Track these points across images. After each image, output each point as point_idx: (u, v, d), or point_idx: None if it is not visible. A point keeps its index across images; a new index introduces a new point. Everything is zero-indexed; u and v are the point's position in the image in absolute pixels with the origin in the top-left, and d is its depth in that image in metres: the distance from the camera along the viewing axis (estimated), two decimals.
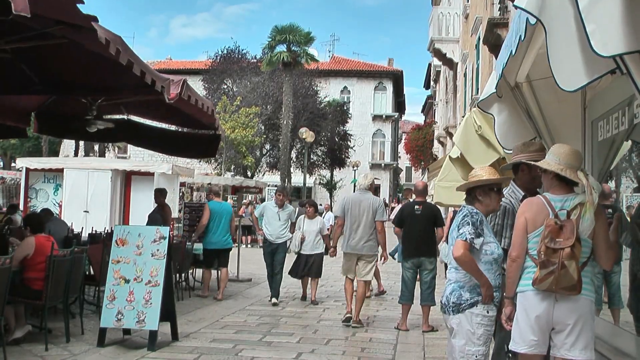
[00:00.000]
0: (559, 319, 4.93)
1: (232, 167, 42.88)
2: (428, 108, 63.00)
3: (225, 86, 47.04)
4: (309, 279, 14.25)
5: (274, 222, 13.94)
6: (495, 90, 5.79)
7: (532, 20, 3.29)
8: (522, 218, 5.16)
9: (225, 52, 48.29)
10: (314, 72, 48.28)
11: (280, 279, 13.87)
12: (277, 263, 13.89)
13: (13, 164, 44.65)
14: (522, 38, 3.68)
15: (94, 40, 6.78)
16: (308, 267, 14.11)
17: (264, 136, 44.53)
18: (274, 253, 13.90)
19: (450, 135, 29.43)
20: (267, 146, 47.73)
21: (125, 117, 13.76)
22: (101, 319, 9.20)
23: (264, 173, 48.70)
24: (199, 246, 14.32)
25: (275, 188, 39.03)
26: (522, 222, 5.15)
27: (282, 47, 42.31)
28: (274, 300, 13.60)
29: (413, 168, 67.40)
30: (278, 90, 44.62)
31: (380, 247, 11.27)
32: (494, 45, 16.93)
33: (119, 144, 42.36)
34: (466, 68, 27.93)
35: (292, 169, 45.62)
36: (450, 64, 32.92)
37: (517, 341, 5.10)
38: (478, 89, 22.91)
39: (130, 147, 47.21)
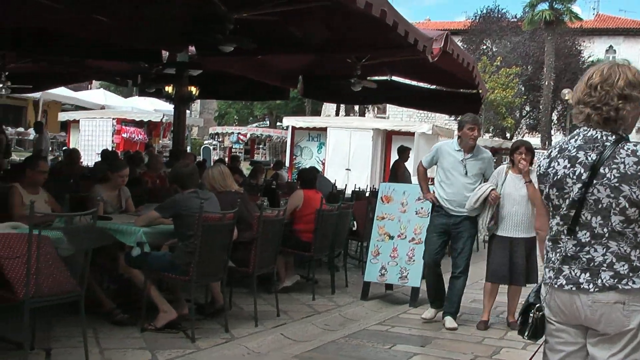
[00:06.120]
0: None
1: (491, 128, 42.28)
2: None
3: (485, 47, 46.21)
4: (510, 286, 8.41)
5: (455, 179, 8.07)
6: None
7: None
8: None
9: (484, 12, 47.38)
10: (577, 31, 46.17)
11: (463, 284, 8.25)
12: (461, 254, 8.14)
13: (279, 123, 46.66)
14: None
15: (353, 4, 6.90)
16: (514, 266, 8.08)
17: (524, 97, 43.42)
18: (449, 233, 8.19)
19: None
20: (527, 107, 46.54)
21: (388, 78, 13.98)
22: (365, 273, 9.47)
23: (524, 135, 47.47)
24: None
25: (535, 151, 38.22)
26: None
27: (544, 6, 41.10)
28: (446, 320, 8.09)
29: None
30: (539, 50, 43.25)
31: None
32: None
33: (378, 104, 43.03)
34: None
35: (552, 131, 44.19)
36: None
37: None
38: None
39: (389, 107, 47.85)
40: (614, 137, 3.27)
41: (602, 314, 3.20)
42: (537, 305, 3.55)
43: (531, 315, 3.57)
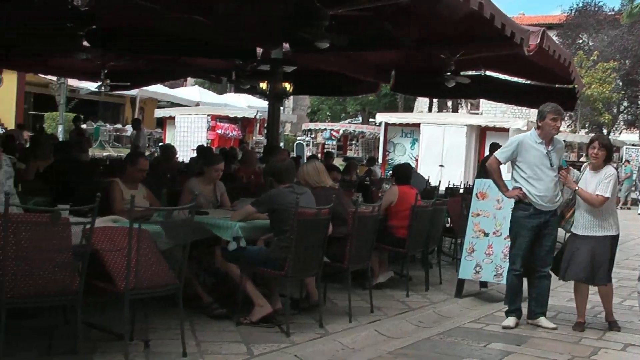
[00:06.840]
0: None
1: (587, 124, 41.37)
2: None
3: (581, 41, 45.18)
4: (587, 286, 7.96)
5: (544, 173, 7.63)
6: None
7: None
8: None
9: (580, 5, 46.25)
10: None
11: (550, 282, 8.05)
12: (549, 253, 7.87)
13: (371, 119, 46.63)
14: None
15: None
16: (573, 262, 7.79)
17: (622, 92, 42.28)
18: (539, 230, 7.72)
19: None
20: (625, 103, 45.30)
21: (482, 73, 13.81)
22: (459, 271, 9.38)
23: (621, 131, 46.30)
24: None
25: (633, 147, 37.32)
26: None
27: None
28: (542, 321, 7.87)
29: None
30: (638, 43, 41.95)
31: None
32: None
33: (471, 100, 42.63)
34: None
35: None
36: None
37: None
38: None
39: (482, 103, 47.20)
40: None
41: None
42: None
43: None
